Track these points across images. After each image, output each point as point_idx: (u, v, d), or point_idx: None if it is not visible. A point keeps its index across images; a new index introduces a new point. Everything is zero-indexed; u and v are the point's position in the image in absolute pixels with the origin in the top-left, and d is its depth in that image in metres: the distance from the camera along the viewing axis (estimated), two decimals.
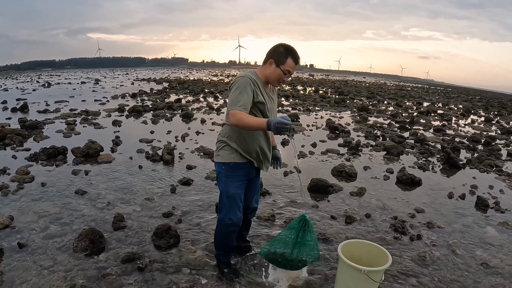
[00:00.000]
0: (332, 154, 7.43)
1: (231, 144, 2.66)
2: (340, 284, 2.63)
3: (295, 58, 2.57)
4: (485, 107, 23.58)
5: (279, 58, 2.56)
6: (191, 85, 26.91)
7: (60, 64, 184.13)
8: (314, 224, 3.98)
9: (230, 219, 2.73)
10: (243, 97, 2.45)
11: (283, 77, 2.59)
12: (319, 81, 49.23)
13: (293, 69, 2.59)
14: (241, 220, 2.80)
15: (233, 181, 2.70)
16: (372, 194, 5.15)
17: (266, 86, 2.72)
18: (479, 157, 7.57)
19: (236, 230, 2.84)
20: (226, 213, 2.74)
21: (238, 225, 2.80)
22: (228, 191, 2.70)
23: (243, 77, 2.53)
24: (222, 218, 2.78)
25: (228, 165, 2.68)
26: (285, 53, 2.56)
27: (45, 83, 27.78)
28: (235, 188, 2.71)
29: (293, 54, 2.57)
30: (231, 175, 2.70)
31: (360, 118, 12.76)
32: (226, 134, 2.70)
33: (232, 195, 2.70)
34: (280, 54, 2.56)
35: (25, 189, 4.75)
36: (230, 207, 2.72)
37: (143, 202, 4.46)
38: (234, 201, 2.72)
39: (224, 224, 2.76)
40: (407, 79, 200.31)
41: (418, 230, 4.03)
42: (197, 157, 6.75)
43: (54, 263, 3.04)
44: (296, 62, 2.59)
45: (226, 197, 2.72)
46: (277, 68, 2.57)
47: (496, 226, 4.27)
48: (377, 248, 2.73)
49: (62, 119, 10.41)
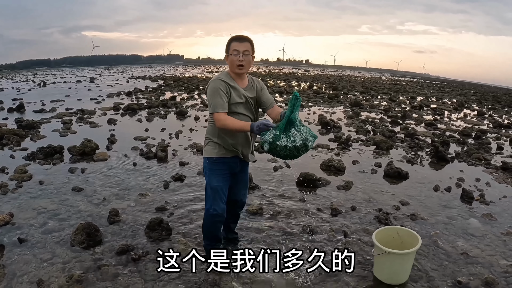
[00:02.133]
0: (322, 149, 7.58)
1: (213, 140, 2.88)
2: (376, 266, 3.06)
3: (234, 39, 2.81)
4: (479, 101, 23.73)
5: (226, 49, 2.83)
6: (186, 82, 26.98)
7: (55, 63, 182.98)
8: (301, 216, 4.16)
9: (214, 209, 2.92)
10: (219, 100, 2.68)
11: (236, 59, 2.76)
12: (314, 76, 49.33)
13: (238, 47, 2.76)
14: (225, 211, 2.98)
15: (215, 174, 2.92)
16: (359, 187, 5.30)
17: (242, 82, 2.89)
18: (468, 151, 7.71)
19: (221, 220, 3.04)
20: (211, 204, 2.94)
21: (223, 216, 2.99)
22: (211, 183, 2.93)
23: (213, 81, 2.77)
24: (207, 209, 2.99)
25: (211, 159, 2.89)
26: (228, 42, 2.82)
27: (40, 82, 27.74)
28: (217, 181, 2.91)
29: (232, 38, 2.82)
30: (214, 169, 2.91)
31: (353, 113, 12.91)
32: (209, 132, 2.92)
33: (215, 187, 2.91)
34: (226, 46, 2.84)
35: (24, 187, 4.91)
36: (214, 198, 2.92)
37: (137, 197, 4.63)
38: (217, 193, 2.91)
39: (210, 214, 2.96)
40: (402, 74, 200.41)
41: (402, 221, 4.15)
42: (190, 153, 6.92)
43: (52, 256, 3.21)
44: (237, 40, 2.80)
45: (210, 189, 2.95)
46: (227, 56, 2.82)
47: (479, 217, 4.36)
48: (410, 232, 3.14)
49: (58, 119, 10.53)
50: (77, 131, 8.79)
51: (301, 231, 3.81)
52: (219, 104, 2.68)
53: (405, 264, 2.97)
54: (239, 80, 2.86)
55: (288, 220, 4.08)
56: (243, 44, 2.77)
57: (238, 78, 2.86)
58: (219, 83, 2.73)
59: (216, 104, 2.68)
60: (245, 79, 2.93)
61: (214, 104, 2.68)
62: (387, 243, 2.96)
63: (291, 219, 4.11)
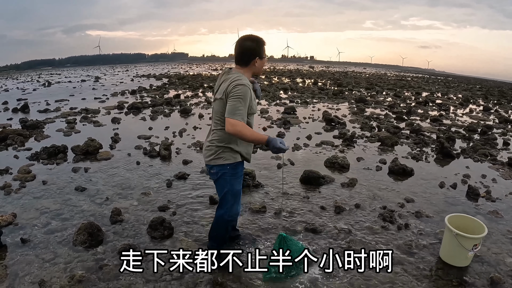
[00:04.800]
0: (326, 146, 7.54)
1: (232, 147, 2.75)
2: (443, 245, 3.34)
3: (265, 43, 2.75)
4: (485, 96, 23.52)
5: (260, 52, 2.72)
6: (190, 80, 26.97)
7: (59, 63, 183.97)
8: (305, 214, 4.13)
9: (230, 215, 2.91)
10: (243, 108, 2.56)
11: (266, 64, 2.77)
12: (318, 73, 49.18)
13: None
14: (238, 214, 2.99)
15: (236, 178, 2.86)
16: (364, 184, 5.26)
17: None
18: (473, 147, 7.64)
19: (233, 224, 3.07)
20: (227, 210, 2.89)
21: (236, 219, 3.03)
22: (234, 188, 2.86)
23: (245, 86, 2.58)
24: (222, 214, 2.93)
25: (232, 165, 2.79)
26: (261, 44, 2.73)
27: (45, 82, 27.86)
28: (239, 184, 2.90)
29: (264, 41, 2.75)
30: (235, 173, 2.84)
31: (357, 110, 12.84)
32: (224, 140, 2.75)
33: (238, 191, 2.89)
34: (259, 49, 2.71)
35: (27, 187, 4.92)
36: (233, 204, 2.89)
37: (140, 196, 4.62)
38: (238, 196, 2.92)
39: (224, 220, 2.93)
40: (407, 69, 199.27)
41: (407, 219, 4.12)
42: (193, 151, 6.89)
43: (55, 256, 3.21)
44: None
45: (231, 195, 2.86)
46: (261, 60, 2.74)
47: (485, 215, 4.33)
48: (477, 222, 3.33)
49: (62, 118, 10.56)
50: (81, 131, 8.81)
51: (304, 229, 3.78)
52: (243, 111, 2.55)
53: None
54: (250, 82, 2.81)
55: (292, 218, 4.05)
56: None
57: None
58: (249, 91, 2.62)
59: (240, 110, 2.53)
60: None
61: (238, 109, 2.53)
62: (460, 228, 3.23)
63: (294, 217, 4.08)
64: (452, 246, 3.18)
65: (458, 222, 3.36)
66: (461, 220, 3.42)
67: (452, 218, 3.37)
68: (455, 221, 3.34)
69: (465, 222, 3.40)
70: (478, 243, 3.11)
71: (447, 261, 3.25)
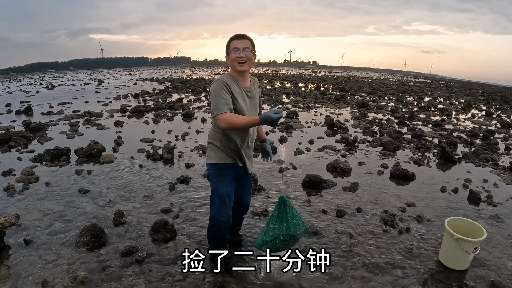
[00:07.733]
0: (328, 150, 7.56)
1: (216, 145, 2.77)
2: (443, 249, 3.37)
3: (233, 37, 2.71)
4: (487, 101, 23.49)
5: (227, 49, 2.72)
6: (193, 84, 27.04)
7: (63, 66, 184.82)
8: (306, 218, 4.12)
9: (221, 215, 2.85)
10: (222, 100, 2.54)
11: (235, 56, 2.65)
12: (321, 77, 49.20)
13: (238, 44, 2.67)
14: (231, 217, 2.91)
15: (222, 180, 2.82)
16: (365, 189, 5.27)
17: (244, 82, 2.78)
18: (475, 151, 7.64)
19: (227, 226, 2.95)
20: (216, 210, 2.87)
21: (229, 222, 2.92)
22: (218, 190, 2.83)
23: (214, 82, 2.63)
24: (213, 215, 2.91)
25: (216, 166, 2.79)
26: (228, 42, 2.72)
27: (48, 85, 28.01)
28: (224, 187, 2.82)
29: (232, 37, 2.72)
30: (220, 175, 2.81)
31: (359, 114, 12.85)
32: (211, 137, 2.82)
33: (222, 194, 2.82)
34: (227, 46, 2.72)
35: (30, 189, 4.95)
36: (220, 205, 2.84)
37: (143, 199, 4.64)
38: (224, 200, 2.83)
39: (216, 221, 2.89)
40: (410, 74, 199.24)
41: (408, 223, 4.12)
42: (196, 155, 6.92)
43: (58, 257, 3.23)
44: (236, 38, 2.70)
45: (216, 196, 2.85)
46: (227, 56, 2.71)
47: (486, 219, 4.33)
48: (474, 224, 3.40)
49: (65, 121, 10.62)
50: (84, 133, 8.86)
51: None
52: (223, 103, 2.53)
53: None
54: (241, 79, 2.75)
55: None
56: (242, 41, 2.66)
57: (241, 78, 2.74)
58: (220, 85, 2.58)
59: (219, 105, 2.53)
60: (247, 79, 2.83)
61: (218, 105, 2.53)
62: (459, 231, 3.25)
63: None
64: (453, 249, 3.18)
65: (456, 225, 3.37)
66: (459, 223, 3.44)
67: (450, 221, 3.38)
68: (453, 224, 3.36)
69: (462, 225, 3.43)
70: (478, 245, 3.13)
71: (447, 265, 3.25)
